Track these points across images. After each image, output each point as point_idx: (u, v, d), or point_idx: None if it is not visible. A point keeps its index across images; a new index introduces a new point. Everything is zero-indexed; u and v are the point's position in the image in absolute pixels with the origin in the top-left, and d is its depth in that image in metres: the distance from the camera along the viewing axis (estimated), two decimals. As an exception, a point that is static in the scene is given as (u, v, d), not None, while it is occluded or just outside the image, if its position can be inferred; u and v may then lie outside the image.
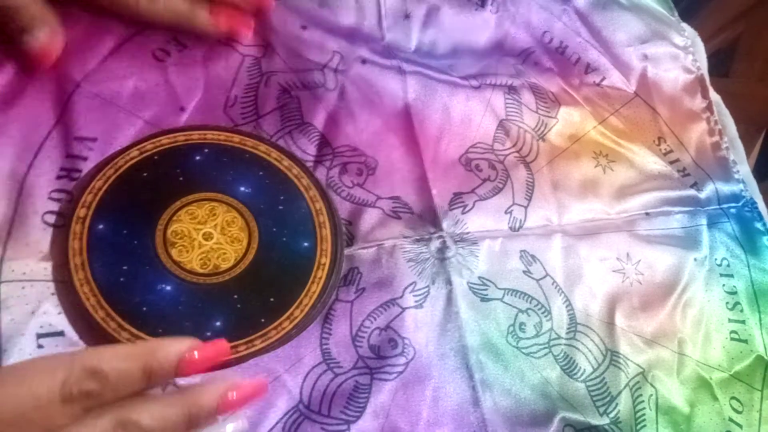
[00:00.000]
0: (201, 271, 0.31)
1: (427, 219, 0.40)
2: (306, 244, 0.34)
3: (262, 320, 0.31)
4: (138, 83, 0.37)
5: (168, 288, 0.31)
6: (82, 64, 0.36)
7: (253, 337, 0.31)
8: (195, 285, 0.31)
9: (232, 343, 0.30)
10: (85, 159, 0.34)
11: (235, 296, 0.32)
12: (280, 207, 0.34)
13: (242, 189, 0.34)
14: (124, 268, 0.31)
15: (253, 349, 0.31)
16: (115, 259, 0.31)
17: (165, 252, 0.31)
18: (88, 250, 0.31)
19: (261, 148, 0.36)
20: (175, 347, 0.25)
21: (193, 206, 0.33)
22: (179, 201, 0.33)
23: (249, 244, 0.32)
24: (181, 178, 0.34)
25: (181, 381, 0.29)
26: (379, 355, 0.35)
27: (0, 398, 0.21)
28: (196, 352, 0.25)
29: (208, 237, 0.32)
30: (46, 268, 0.31)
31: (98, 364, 0.23)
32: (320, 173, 0.39)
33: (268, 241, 0.33)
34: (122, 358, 0.24)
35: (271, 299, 0.32)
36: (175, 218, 0.32)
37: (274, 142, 0.37)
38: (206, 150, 0.33)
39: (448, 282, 0.38)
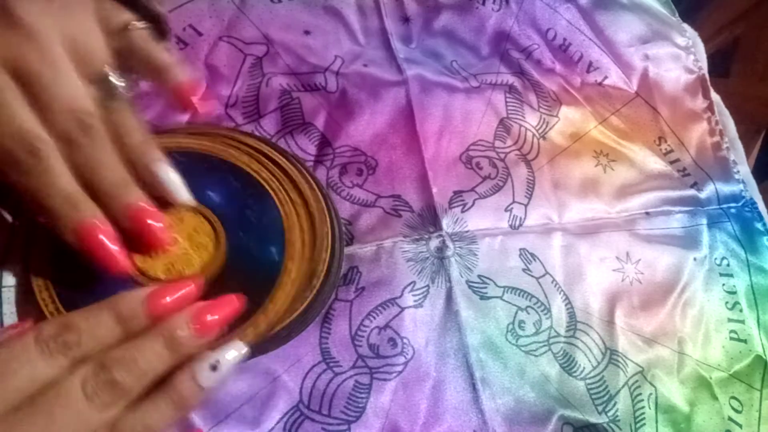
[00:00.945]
0: (164, 277, 0.30)
1: (426, 217, 0.40)
2: (273, 249, 0.33)
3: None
4: (140, 82, 0.37)
5: None
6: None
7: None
8: None
9: None
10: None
11: None
12: (249, 212, 0.34)
13: (210, 194, 0.33)
14: (85, 274, 0.29)
15: None
16: (76, 265, 0.29)
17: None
18: (49, 254, 0.30)
19: (231, 152, 0.35)
20: (140, 290, 0.25)
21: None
22: None
23: (216, 250, 0.32)
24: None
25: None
26: (379, 355, 0.35)
27: None
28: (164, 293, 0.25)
29: (173, 243, 0.32)
30: (3, 272, 0.30)
31: (68, 318, 0.23)
32: (320, 173, 0.39)
33: (235, 248, 0.32)
34: (90, 310, 0.24)
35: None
36: None
37: (247, 145, 0.36)
38: (174, 155, 0.32)
39: (448, 280, 0.38)
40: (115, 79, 0.29)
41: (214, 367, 0.25)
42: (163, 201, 0.31)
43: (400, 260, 0.38)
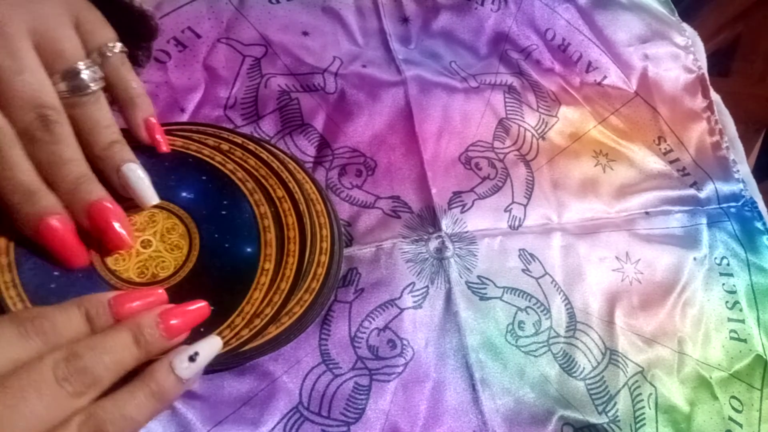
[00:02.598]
0: (138, 280, 0.30)
1: (426, 218, 0.40)
2: (249, 249, 0.32)
3: (201, 329, 0.29)
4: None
5: None
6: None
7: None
8: None
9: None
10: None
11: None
12: (223, 212, 0.33)
13: (184, 195, 0.33)
14: (55, 273, 0.29)
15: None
16: (46, 263, 0.28)
17: (100, 260, 0.30)
18: (16, 249, 0.28)
19: (205, 152, 0.34)
20: (107, 292, 0.25)
21: (130, 213, 0.31)
22: None
23: (189, 251, 0.31)
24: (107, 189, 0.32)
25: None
26: (378, 356, 0.35)
27: None
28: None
29: (146, 245, 0.31)
30: None
31: (40, 309, 0.23)
32: (320, 175, 0.39)
33: (209, 248, 0.31)
34: (59, 306, 0.24)
35: (212, 308, 0.30)
36: None
37: (232, 142, 0.35)
38: (146, 155, 0.32)
39: (447, 281, 0.38)
40: (87, 75, 0.28)
41: (192, 359, 0.25)
42: (135, 206, 0.31)
43: (399, 261, 0.38)
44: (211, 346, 0.27)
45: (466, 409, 0.35)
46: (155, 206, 0.31)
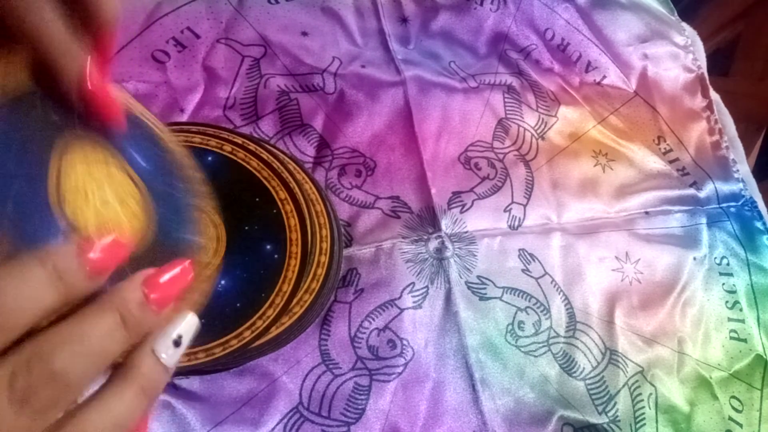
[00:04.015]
0: (94, 234, 0.27)
1: (425, 218, 0.40)
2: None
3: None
4: (138, 85, 0.37)
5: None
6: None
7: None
8: None
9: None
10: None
11: None
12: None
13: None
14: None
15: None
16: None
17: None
18: None
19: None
20: (71, 242, 0.19)
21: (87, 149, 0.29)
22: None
23: (145, 222, 0.29)
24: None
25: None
26: (378, 356, 0.35)
27: None
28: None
29: (104, 204, 0.29)
30: None
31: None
32: (319, 175, 0.39)
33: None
34: (13, 263, 0.18)
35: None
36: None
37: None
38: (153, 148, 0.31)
39: (447, 281, 0.38)
40: None
41: (177, 343, 0.21)
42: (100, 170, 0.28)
43: (399, 261, 0.37)
44: (189, 325, 0.22)
45: (466, 409, 0.35)
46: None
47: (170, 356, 0.21)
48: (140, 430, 0.20)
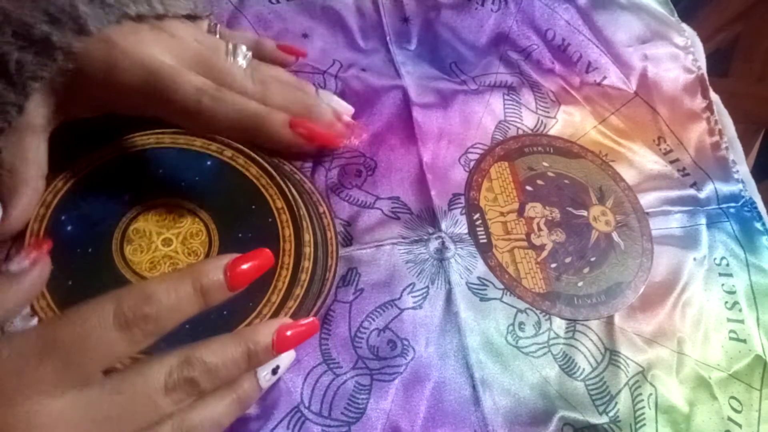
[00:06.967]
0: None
1: (425, 219, 0.40)
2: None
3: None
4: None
5: None
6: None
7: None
8: None
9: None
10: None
11: None
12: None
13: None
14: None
15: None
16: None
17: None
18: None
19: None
20: (217, 261, 0.25)
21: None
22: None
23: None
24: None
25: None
26: (379, 356, 0.35)
27: (57, 331, 0.21)
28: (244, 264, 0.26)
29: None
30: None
31: (148, 287, 0.23)
32: (320, 175, 0.39)
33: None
34: (170, 279, 0.24)
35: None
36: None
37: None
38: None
39: (447, 282, 0.38)
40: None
41: (274, 371, 0.29)
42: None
43: (399, 262, 0.38)
44: (289, 359, 0.31)
45: (466, 410, 0.35)
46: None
47: (266, 380, 0.29)
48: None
